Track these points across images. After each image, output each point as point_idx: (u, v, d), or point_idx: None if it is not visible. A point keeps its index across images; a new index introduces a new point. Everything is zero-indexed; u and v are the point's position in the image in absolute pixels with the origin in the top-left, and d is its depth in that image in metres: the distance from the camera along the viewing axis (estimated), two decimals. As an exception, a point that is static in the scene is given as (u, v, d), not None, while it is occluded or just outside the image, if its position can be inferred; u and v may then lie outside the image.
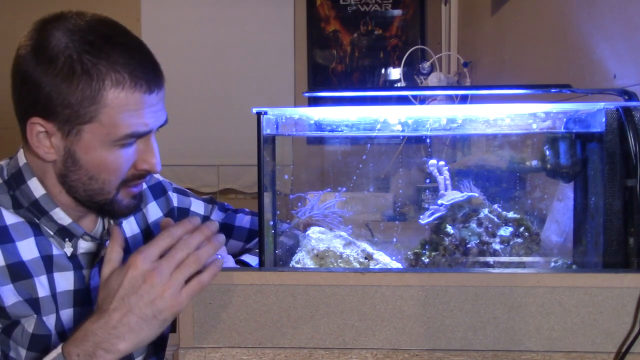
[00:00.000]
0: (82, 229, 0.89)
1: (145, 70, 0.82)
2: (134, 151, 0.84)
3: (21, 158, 0.87)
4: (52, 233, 0.87)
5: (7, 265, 0.82)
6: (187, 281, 0.74)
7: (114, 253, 0.77)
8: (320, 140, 1.10)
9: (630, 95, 0.86)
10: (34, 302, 0.84)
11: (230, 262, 0.94)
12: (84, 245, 0.90)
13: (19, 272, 0.83)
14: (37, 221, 0.86)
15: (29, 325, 0.83)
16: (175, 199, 1.11)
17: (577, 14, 1.39)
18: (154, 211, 1.07)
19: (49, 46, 0.77)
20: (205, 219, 1.14)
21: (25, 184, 0.86)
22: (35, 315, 0.83)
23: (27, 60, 0.78)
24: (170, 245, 0.74)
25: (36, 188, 0.86)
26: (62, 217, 0.87)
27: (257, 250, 0.96)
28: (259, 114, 0.84)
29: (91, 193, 0.85)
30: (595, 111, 0.85)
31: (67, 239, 0.88)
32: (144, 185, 0.92)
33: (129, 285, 0.72)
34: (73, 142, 0.82)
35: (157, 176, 1.12)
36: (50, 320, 0.85)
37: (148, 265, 0.72)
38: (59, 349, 0.73)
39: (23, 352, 0.82)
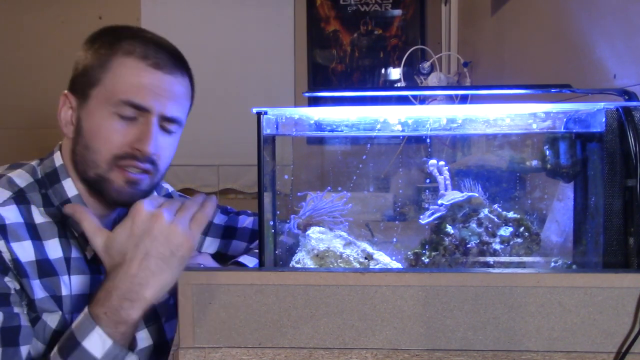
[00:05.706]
0: None
1: (159, 52, 0.87)
2: (132, 129, 0.86)
3: (57, 159, 0.90)
4: (76, 234, 0.89)
5: (36, 261, 0.83)
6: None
7: (93, 223, 0.76)
8: (320, 140, 1.10)
9: (630, 95, 0.86)
10: (58, 300, 0.85)
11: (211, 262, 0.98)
12: None
13: (46, 268, 0.84)
14: (65, 221, 0.87)
15: (52, 321, 0.83)
16: None
17: (577, 14, 1.39)
18: None
19: (91, 35, 0.90)
20: (208, 223, 1.15)
21: (59, 183, 0.88)
22: (60, 312, 0.84)
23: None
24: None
25: (70, 188, 0.88)
26: None
27: (257, 250, 0.96)
28: (259, 114, 0.84)
29: (86, 167, 0.87)
30: (595, 111, 0.85)
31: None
32: (147, 180, 0.90)
33: (139, 231, 0.73)
34: (82, 110, 0.87)
35: (167, 187, 1.14)
36: (72, 319, 0.85)
37: (153, 209, 0.74)
38: (85, 311, 0.73)
39: (42, 347, 0.83)
